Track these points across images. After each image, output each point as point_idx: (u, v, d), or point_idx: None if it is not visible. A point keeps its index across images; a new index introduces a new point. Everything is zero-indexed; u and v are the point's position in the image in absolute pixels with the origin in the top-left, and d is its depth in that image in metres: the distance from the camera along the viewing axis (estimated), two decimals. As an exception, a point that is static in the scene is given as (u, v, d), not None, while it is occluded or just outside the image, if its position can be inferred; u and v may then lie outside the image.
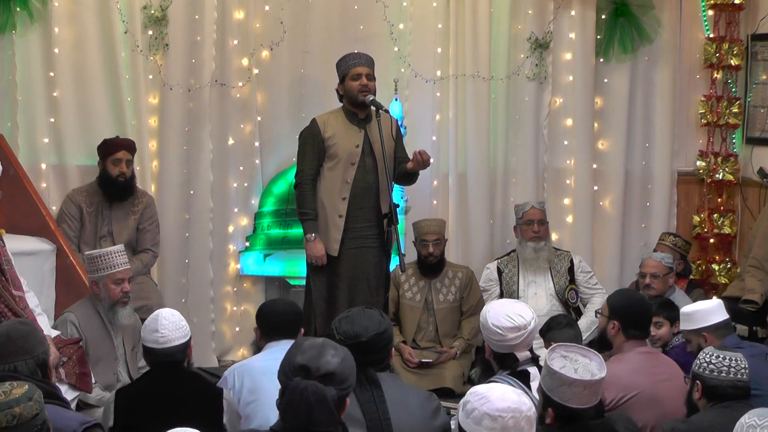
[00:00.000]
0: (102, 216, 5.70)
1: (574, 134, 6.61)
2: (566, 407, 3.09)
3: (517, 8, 6.47)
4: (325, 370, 2.73)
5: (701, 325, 4.25)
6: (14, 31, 5.78)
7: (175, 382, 3.68)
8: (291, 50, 6.31)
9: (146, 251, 5.76)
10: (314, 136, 5.29)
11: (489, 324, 3.58)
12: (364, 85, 5.19)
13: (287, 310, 4.07)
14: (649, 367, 3.99)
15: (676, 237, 6.06)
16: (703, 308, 4.30)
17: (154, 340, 3.71)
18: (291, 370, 2.74)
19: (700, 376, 3.51)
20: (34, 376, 3.29)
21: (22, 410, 2.68)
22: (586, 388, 3.07)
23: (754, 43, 6.65)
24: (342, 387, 2.75)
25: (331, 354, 2.77)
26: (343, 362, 2.77)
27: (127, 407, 3.62)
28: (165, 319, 3.74)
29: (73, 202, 5.69)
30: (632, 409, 3.78)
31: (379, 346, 3.29)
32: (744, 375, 3.48)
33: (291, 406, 2.69)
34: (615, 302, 4.22)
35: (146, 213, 5.77)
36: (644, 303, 4.25)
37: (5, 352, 3.31)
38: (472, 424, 2.69)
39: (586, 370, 3.09)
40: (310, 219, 5.27)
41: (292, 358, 2.77)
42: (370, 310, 3.40)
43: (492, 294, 5.97)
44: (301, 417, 2.67)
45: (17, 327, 3.40)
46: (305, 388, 2.68)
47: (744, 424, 2.71)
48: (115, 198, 5.69)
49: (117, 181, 5.64)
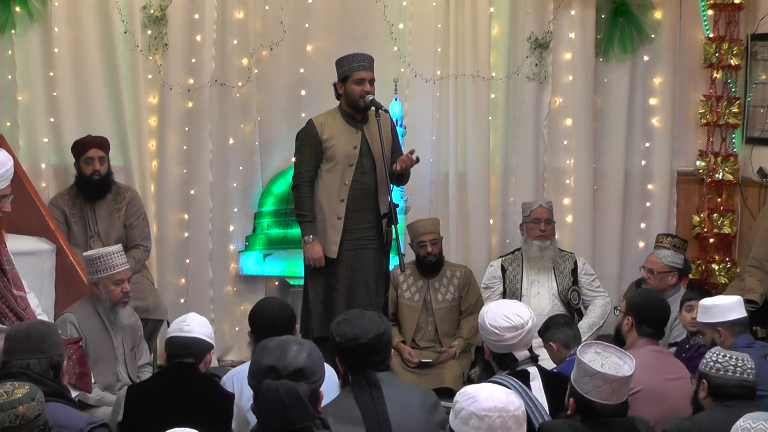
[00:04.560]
0: (87, 217, 5.71)
1: (574, 134, 6.61)
2: (585, 398, 3.13)
3: (516, 8, 6.46)
4: (294, 367, 2.74)
5: (718, 319, 4.27)
6: (14, 30, 5.80)
7: (188, 383, 3.70)
8: (291, 50, 6.31)
9: (137, 247, 5.75)
10: (312, 137, 5.26)
11: (487, 325, 3.60)
12: (366, 91, 5.17)
13: (279, 315, 4.01)
14: (658, 365, 4.02)
15: (673, 237, 6.06)
16: (722, 303, 4.32)
17: (179, 328, 3.82)
18: (260, 372, 2.76)
19: (706, 375, 3.53)
20: (45, 375, 3.32)
21: (25, 410, 2.70)
22: (607, 383, 3.12)
23: (753, 42, 6.65)
24: (312, 380, 2.77)
25: (296, 350, 2.78)
26: (309, 356, 2.79)
27: (138, 403, 3.65)
28: (195, 316, 3.90)
29: (56, 206, 5.71)
30: (637, 404, 3.78)
31: (379, 347, 3.30)
32: (750, 375, 3.49)
33: (266, 408, 2.71)
34: (633, 299, 4.28)
35: (130, 208, 5.76)
36: (662, 303, 4.27)
37: (22, 348, 3.37)
38: (460, 423, 2.72)
39: (614, 367, 3.14)
40: (308, 221, 5.25)
41: (258, 362, 2.78)
42: (368, 312, 3.40)
43: (495, 292, 5.97)
44: (278, 417, 2.69)
45: (37, 326, 3.49)
46: (277, 389, 2.69)
47: (739, 427, 2.73)
48: (94, 197, 5.70)
49: (92, 180, 5.65)
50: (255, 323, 4.05)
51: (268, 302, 4.23)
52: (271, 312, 4.03)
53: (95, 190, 5.69)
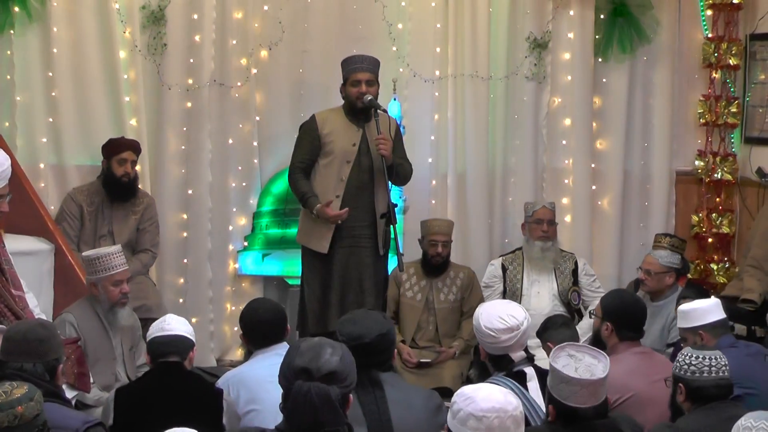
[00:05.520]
0: (102, 215, 5.71)
1: (573, 134, 6.61)
2: (564, 405, 3.10)
3: (515, 8, 6.47)
4: (326, 369, 2.71)
5: (698, 323, 4.23)
6: (12, 30, 5.79)
7: (176, 382, 3.68)
8: (290, 50, 6.32)
9: (145, 251, 5.77)
10: (311, 131, 5.28)
11: (482, 327, 3.59)
12: (362, 93, 5.18)
13: (270, 318, 3.98)
14: (643, 368, 3.99)
15: (672, 237, 6.06)
16: (700, 307, 4.29)
17: (160, 328, 3.80)
18: (292, 373, 2.72)
19: (682, 379, 3.47)
20: (40, 378, 3.30)
21: (24, 410, 2.70)
22: (584, 388, 3.08)
23: (752, 42, 6.65)
24: (344, 385, 2.74)
25: (330, 353, 2.75)
26: (342, 360, 2.75)
27: (126, 406, 3.62)
28: (174, 316, 3.90)
29: (74, 200, 5.70)
30: (628, 411, 3.77)
31: (382, 347, 3.30)
32: (725, 372, 3.44)
33: (296, 410, 2.68)
34: (608, 303, 4.22)
35: (147, 213, 5.78)
36: (638, 304, 4.25)
37: (18, 350, 3.34)
38: (458, 424, 2.71)
39: (588, 370, 3.10)
40: (310, 197, 5.15)
41: (291, 362, 2.75)
42: (373, 312, 3.42)
43: (495, 291, 5.97)
44: (308, 419, 2.66)
45: (36, 329, 3.43)
46: (308, 391, 2.66)
47: (740, 427, 2.72)
48: (117, 198, 5.70)
49: (121, 181, 5.65)
50: (246, 326, 4.02)
51: (259, 304, 4.17)
52: (261, 314, 3.99)
53: (122, 191, 5.68)
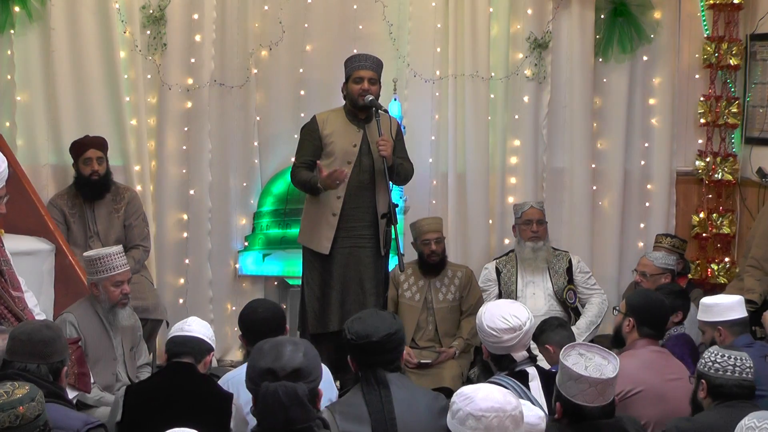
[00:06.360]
0: (86, 217, 5.72)
1: (573, 134, 6.61)
2: (572, 402, 3.12)
3: (516, 8, 6.47)
4: (291, 367, 2.73)
5: (719, 318, 4.28)
6: (13, 30, 5.80)
7: (187, 383, 3.70)
8: (290, 50, 6.32)
9: (136, 247, 5.76)
10: (312, 132, 5.28)
11: (484, 326, 3.59)
12: (364, 89, 5.18)
13: (268, 317, 3.98)
14: (658, 366, 4.02)
15: (672, 238, 6.06)
16: (723, 302, 4.33)
17: (180, 328, 3.87)
18: (257, 375, 2.74)
19: (705, 375, 3.52)
20: (43, 378, 3.30)
21: (25, 410, 2.70)
22: (592, 386, 3.09)
23: (753, 42, 6.65)
24: (310, 380, 2.75)
25: (291, 350, 2.77)
26: (306, 356, 2.77)
27: (136, 403, 3.64)
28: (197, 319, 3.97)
29: (55, 206, 5.72)
30: (637, 405, 3.80)
31: (390, 346, 3.29)
32: (749, 374, 3.49)
33: (266, 411, 2.70)
34: (633, 300, 4.26)
35: (130, 209, 5.77)
36: (662, 304, 4.27)
37: (22, 351, 3.35)
38: (457, 424, 2.72)
39: (597, 369, 3.12)
40: (311, 178, 5.09)
41: (255, 364, 2.77)
42: (382, 312, 3.42)
43: (490, 294, 5.96)
44: (279, 419, 2.68)
45: (41, 330, 3.43)
46: (276, 390, 2.68)
47: (743, 426, 2.73)
48: (93, 197, 5.71)
49: (90, 180, 5.67)
50: (244, 326, 4.02)
51: (257, 304, 4.16)
52: (260, 314, 3.99)
53: (94, 190, 5.70)
